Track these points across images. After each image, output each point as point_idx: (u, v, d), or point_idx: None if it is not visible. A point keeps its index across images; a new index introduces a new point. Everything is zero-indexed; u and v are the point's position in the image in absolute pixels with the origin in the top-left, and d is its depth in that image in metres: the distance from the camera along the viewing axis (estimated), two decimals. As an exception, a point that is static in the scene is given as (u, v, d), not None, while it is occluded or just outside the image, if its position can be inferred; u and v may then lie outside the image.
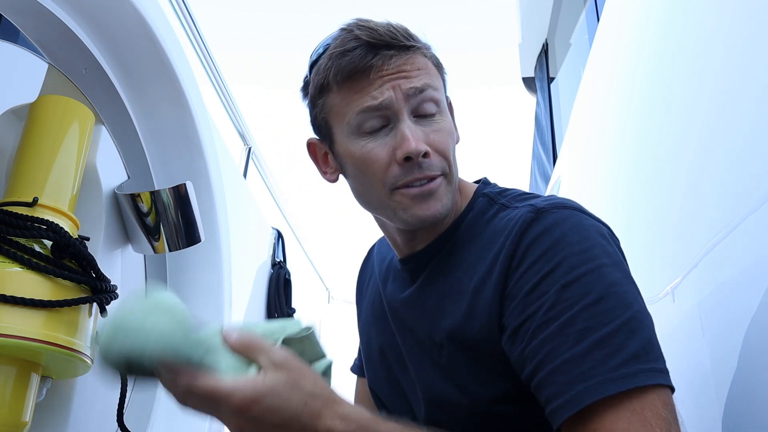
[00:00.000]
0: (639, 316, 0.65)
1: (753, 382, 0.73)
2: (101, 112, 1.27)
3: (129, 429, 1.13)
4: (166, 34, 1.32)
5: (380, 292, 0.94)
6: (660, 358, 0.64)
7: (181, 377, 0.61)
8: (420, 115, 0.77)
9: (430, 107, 0.78)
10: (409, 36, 0.79)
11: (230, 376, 0.62)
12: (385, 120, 0.77)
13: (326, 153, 0.85)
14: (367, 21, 0.78)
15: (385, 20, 0.79)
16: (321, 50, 0.81)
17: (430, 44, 0.83)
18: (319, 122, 0.83)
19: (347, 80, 0.77)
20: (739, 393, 0.76)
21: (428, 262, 0.84)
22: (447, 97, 0.86)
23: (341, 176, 0.85)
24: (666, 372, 0.63)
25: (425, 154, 0.75)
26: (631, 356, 0.62)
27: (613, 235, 0.76)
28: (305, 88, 0.84)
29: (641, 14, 1.45)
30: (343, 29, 0.79)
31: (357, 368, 1.09)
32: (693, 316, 0.93)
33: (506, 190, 0.85)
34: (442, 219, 0.78)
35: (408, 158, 0.75)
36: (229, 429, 0.64)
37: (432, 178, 0.76)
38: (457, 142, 0.84)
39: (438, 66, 0.83)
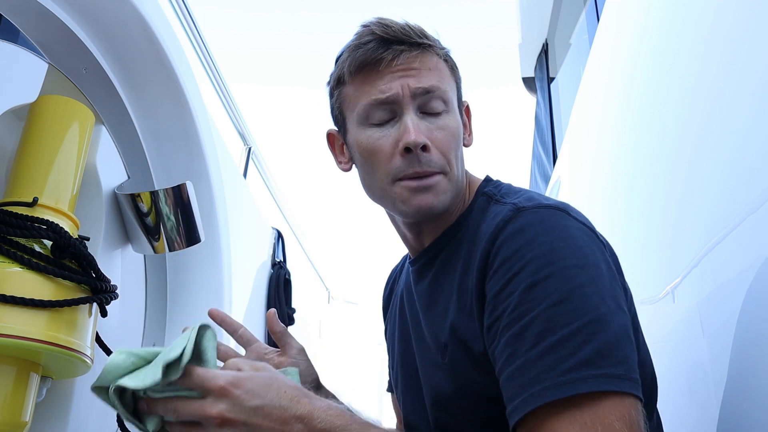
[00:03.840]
0: (603, 318, 0.63)
1: (752, 382, 0.73)
2: (101, 112, 1.27)
3: (129, 429, 1.13)
4: (166, 34, 1.32)
5: (400, 301, 0.97)
6: (622, 363, 0.62)
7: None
8: (426, 112, 0.80)
9: (437, 105, 0.80)
10: (423, 35, 0.82)
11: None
12: (392, 113, 0.80)
13: (342, 144, 0.89)
14: (385, 19, 0.82)
15: (404, 20, 0.82)
16: (344, 46, 0.85)
17: (448, 48, 0.85)
18: (335, 112, 0.87)
19: (360, 72, 0.80)
20: (738, 393, 0.76)
21: (434, 258, 0.85)
22: (464, 101, 0.89)
23: (353, 167, 0.89)
24: (627, 378, 0.61)
25: (424, 148, 0.77)
26: (584, 361, 0.60)
27: (599, 237, 0.75)
28: (329, 82, 0.88)
29: (641, 14, 1.45)
30: (362, 26, 0.83)
31: (390, 385, 1.10)
32: (693, 316, 0.93)
33: (505, 187, 0.85)
34: (438, 213, 0.80)
35: (408, 149, 0.77)
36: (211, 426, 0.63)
37: (430, 174, 0.78)
38: (467, 145, 0.87)
39: (453, 68, 0.85)
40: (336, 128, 0.90)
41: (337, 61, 0.86)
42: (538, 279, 0.66)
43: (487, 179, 0.89)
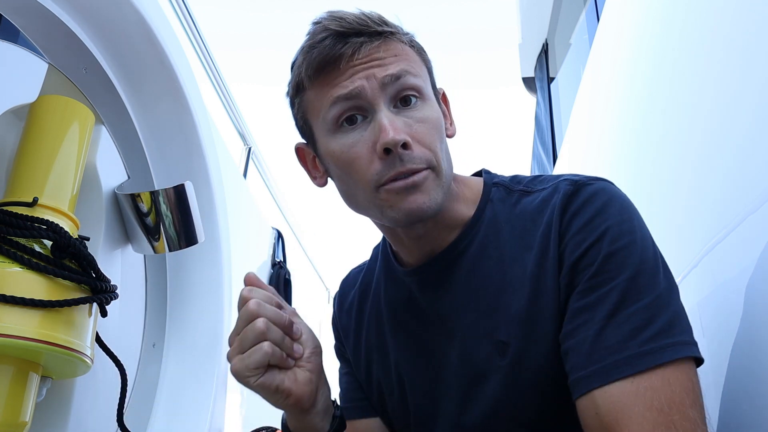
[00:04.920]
0: (668, 291, 0.66)
1: (753, 382, 0.73)
2: (101, 112, 1.27)
3: (129, 429, 1.13)
4: (166, 34, 1.32)
5: (390, 316, 0.88)
6: (687, 329, 0.65)
7: None
8: (400, 105, 0.72)
9: (410, 95, 0.72)
10: (383, 22, 0.74)
11: None
12: (362, 112, 0.72)
13: (314, 157, 0.81)
14: (337, 11, 0.74)
15: (358, 9, 0.74)
16: (299, 49, 0.77)
17: (412, 32, 0.78)
18: (300, 123, 0.79)
19: (319, 74, 0.72)
20: (738, 393, 0.76)
21: (458, 259, 0.78)
22: (438, 88, 0.81)
23: (329, 179, 0.81)
24: (693, 343, 0.64)
25: (404, 145, 0.69)
26: (660, 331, 0.63)
27: None
28: (288, 92, 0.80)
29: (641, 14, 1.45)
30: (314, 23, 0.75)
31: (349, 412, 0.94)
32: (693, 316, 0.93)
33: (515, 176, 0.84)
34: (431, 214, 0.72)
35: (388, 150, 0.69)
36: None
37: (415, 171, 0.70)
38: (451, 136, 0.79)
39: (420, 52, 0.78)
40: (304, 141, 0.82)
41: (292, 68, 0.77)
42: (616, 249, 0.67)
43: (487, 171, 0.85)
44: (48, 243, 0.95)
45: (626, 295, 0.65)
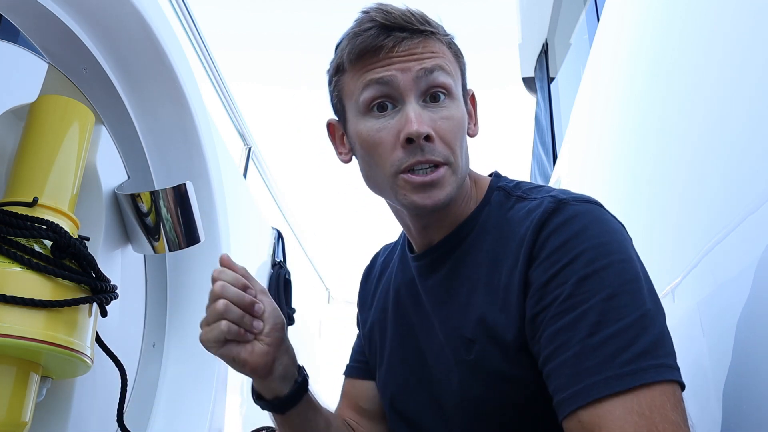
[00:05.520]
0: (651, 312, 0.65)
1: (753, 382, 0.73)
2: (101, 112, 1.27)
3: (129, 429, 1.13)
4: (166, 34, 1.32)
5: (395, 296, 0.94)
6: (671, 354, 0.64)
7: None
8: (429, 101, 0.77)
9: (439, 92, 0.77)
10: (426, 21, 0.79)
11: None
12: (393, 101, 0.77)
13: (343, 134, 0.86)
14: (386, 5, 0.79)
15: (405, 6, 0.79)
16: (344, 34, 0.82)
17: (452, 34, 0.82)
18: (335, 101, 0.85)
19: (359, 59, 0.77)
20: (738, 393, 0.76)
21: (449, 253, 0.83)
22: (469, 90, 0.86)
23: (353, 158, 0.86)
24: (676, 368, 0.63)
25: (428, 138, 0.74)
26: (643, 352, 0.62)
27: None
28: (329, 70, 0.86)
29: (641, 14, 1.45)
30: (362, 12, 0.80)
31: (350, 369, 1.06)
32: (693, 316, 0.93)
33: (520, 182, 0.85)
34: (442, 207, 0.78)
35: (410, 140, 0.74)
36: None
37: (435, 164, 0.75)
38: (472, 135, 0.84)
39: (457, 54, 0.82)
40: (336, 118, 0.87)
41: (336, 49, 0.83)
42: (592, 271, 0.66)
43: (497, 174, 0.88)
44: (48, 243, 0.95)
45: (605, 315, 0.64)
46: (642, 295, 0.66)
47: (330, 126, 0.89)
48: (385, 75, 0.76)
